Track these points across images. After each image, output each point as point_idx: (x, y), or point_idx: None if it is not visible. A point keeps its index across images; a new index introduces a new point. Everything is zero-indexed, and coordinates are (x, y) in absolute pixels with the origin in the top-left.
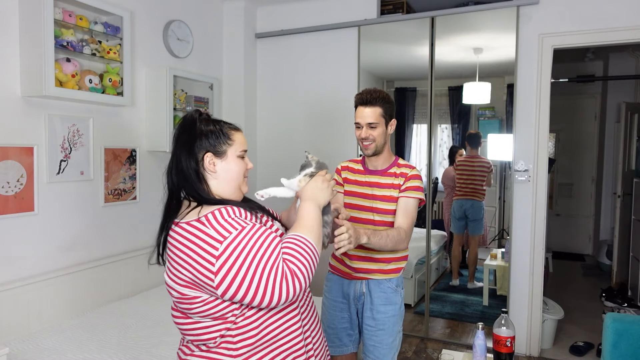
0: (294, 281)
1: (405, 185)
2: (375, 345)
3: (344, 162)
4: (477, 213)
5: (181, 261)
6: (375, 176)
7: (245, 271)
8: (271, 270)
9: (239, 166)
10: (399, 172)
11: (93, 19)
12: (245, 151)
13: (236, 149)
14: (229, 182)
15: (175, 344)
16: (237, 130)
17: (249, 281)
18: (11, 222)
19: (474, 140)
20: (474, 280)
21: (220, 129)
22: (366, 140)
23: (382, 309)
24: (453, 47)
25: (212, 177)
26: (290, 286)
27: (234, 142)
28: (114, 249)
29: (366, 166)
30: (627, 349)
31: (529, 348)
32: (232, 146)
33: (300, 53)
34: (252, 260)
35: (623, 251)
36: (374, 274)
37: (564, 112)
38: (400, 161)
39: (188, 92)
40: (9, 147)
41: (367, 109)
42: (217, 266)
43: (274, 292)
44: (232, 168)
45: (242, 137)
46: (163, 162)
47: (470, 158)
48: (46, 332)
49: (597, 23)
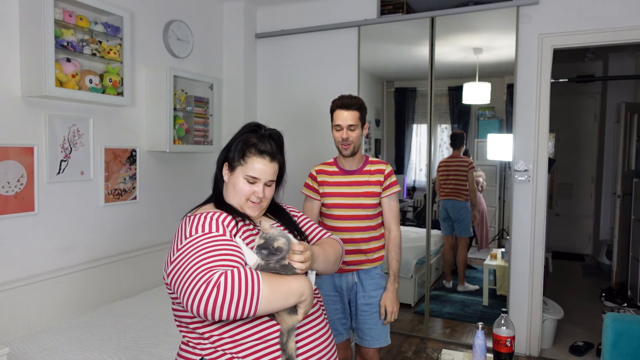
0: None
1: (388, 182)
2: (372, 327)
3: (317, 166)
4: (459, 213)
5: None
6: (352, 175)
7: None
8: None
9: (243, 187)
10: (374, 169)
11: (93, 19)
12: (254, 178)
13: (244, 171)
14: (233, 197)
15: (175, 344)
16: (262, 156)
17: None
18: (11, 222)
19: (455, 141)
20: (465, 283)
21: (245, 146)
22: (347, 141)
23: (373, 294)
24: (453, 47)
25: (225, 184)
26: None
27: (245, 164)
28: (114, 249)
29: (341, 167)
30: (627, 349)
31: (528, 348)
32: (242, 166)
33: (300, 53)
34: (190, 262)
35: (623, 251)
36: (363, 264)
37: (564, 112)
38: (371, 159)
39: (188, 92)
40: (9, 147)
41: (347, 112)
42: (169, 267)
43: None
44: (235, 185)
45: (261, 164)
46: (163, 162)
47: (450, 158)
48: (46, 332)
49: (597, 23)
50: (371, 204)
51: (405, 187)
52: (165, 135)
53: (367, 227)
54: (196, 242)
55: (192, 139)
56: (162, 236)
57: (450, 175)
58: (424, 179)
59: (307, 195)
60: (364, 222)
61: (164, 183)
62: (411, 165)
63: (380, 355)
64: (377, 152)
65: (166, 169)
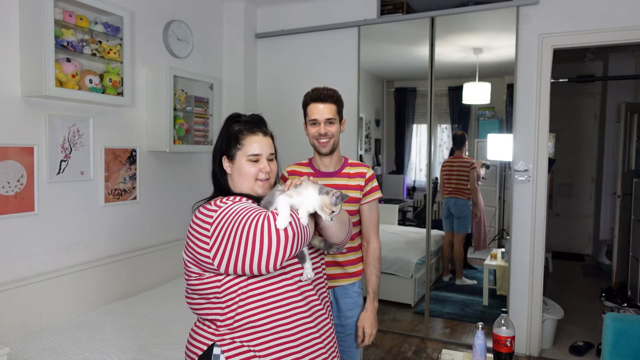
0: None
1: (369, 187)
2: (345, 350)
3: (289, 167)
4: (461, 210)
5: (189, 240)
6: (329, 178)
7: (230, 238)
8: (251, 225)
9: (249, 169)
10: (354, 172)
11: (93, 19)
12: (256, 155)
13: (244, 153)
14: (242, 183)
15: (175, 344)
16: (255, 134)
17: (237, 245)
18: (11, 222)
19: (457, 141)
20: (462, 277)
21: (236, 132)
22: (325, 136)
23: (349, 314)
24: (453, 47)
25: (229, 177)
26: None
27: (243, 147)
28: (114, 249)
29: (317, 168)
30: (627, 349)
31: (528, 348)
32: (240, 150)
33: (300, 53)
34: (233, 225)
35: (623, 251)
36: (340, 279)
37: (564, 112)
38: (351, 160)
39: (188, 92)
40: (9, 147)
41: (323, 105)
42: (210, 244)
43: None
44: (240, 170)
45: (257, 142)
46: (163, 162)
47: (453, 159)
48: (46, 332)
49: (597, 23)
50: (349, 211)
51: (405, 187)
52: (165, 135)
53: None
54: (230, 208)
55: (192, 139)
56: (162, 236)
57: (453, 175)
58: (424, 179)
59: None
60: None
61: (164, 183)
62: (411, 165)
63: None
64: (377, 152)
65: (166, 169)
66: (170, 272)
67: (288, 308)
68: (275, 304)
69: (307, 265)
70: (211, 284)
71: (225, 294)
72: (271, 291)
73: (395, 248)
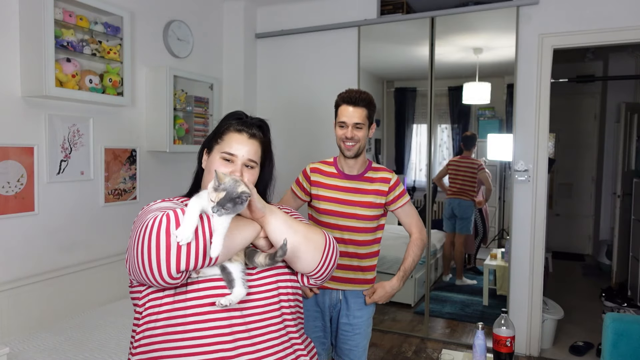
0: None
1: (396, 193)
2: (352, 349)
3: (313, 164)
4: (464, 211)
5: None
6: (352, 181)
7: (132, 239)
8: (147, 227)
9: (217, 168)
10: (378, 177)
11: (93, 19)
12: (230, 155)
13: (220, 149)
14: (207, 182)
15: None
16: (239, 133)
17: (133, 248)
18: (11, 222)
19: (468, 142)
20: (463, 277)
21: (224, 126)
22: (351, 140)
23: (358, 314)
24: (453, 47)
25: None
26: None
27: (222, 142)
28: (114, 249)
29: (341, 170)
30: (627, 349)
31: (528, 348)
32: (218, 145)
33: (300, 53)
34: (137, 226)
35: (623, 251)
36: (355, 284)
37: (564, 112)
38: (374, 165)
39: (188, 92)
40: (9, 147)
41: (354, 108)
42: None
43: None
44: (210, 167)
45: (237, 142)
46: (163, 162)
47: (461, 159)
48: (46, 332)
49: (597, 23)
50: (369, 216)
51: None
52: (165, 135)
53: (363, 241)
54: (150, 207)
55: (192, 139)
56: None
57: (459, 175)
58: (424, 179)
59: (293, 191)
60: (359, 236)
61: (164, 183)
62: (411, 165)
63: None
64: (377, 152)
65: (166, 169)
66: None
67: (193, 336)
68: (179, 327)
69: (237, 291)
70: (135, 294)
71: (143, 307)
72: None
73: (395, 248)
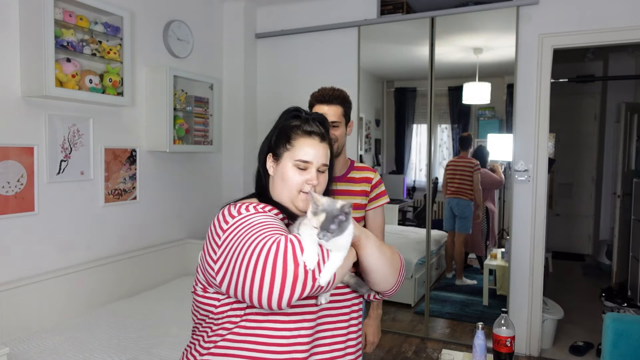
0: (288, 256)
1: (376, 192)
2: None
3: None
4: (462, 211)
5: (204, 244)
6: (336, 184)
7: (235, 257)
8: (261, 249)
9: (293, 176)
10: (360, 177)
11: (93, 19)
12: (305, 162)
13: (292, 156)
14: (282, 190)
15: (175, 344)
16: (310, 137)
17: (241, 268)
18: (11, 222)
19: (464, 143)
20: (463, 277)
21: (289, 130)
22: None
23: None
24: (453, 47)
25: (271, 179)
26: (290, 264)
27: (293, 148)
28: (114, 249)
29: None
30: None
31: (528, 348)
32: (289, 151)
33: (300, 53)
34: (242, 243)
35: (623, 251)
36: None
37: (564, 112)
38: (357, 164)
39: (188, 92)
40: (9, 147)
41: (328, 107)
42: (217, 256)
43: (268, 272)
44: (284, 175)
45: (310, 146)
46: (163, 162)
47: (458, 159)
48: (46, 332)
49: (597, 23)
50: (357, 218)
51: (405, 187)
52: (165, 135)
53: None
54: (247, 219)
55: (192, 139)
56: (162, 236)
57: (457, 175)
58: (424, 179)
59: None
60: None
61: (164, 183)
62: (411, 165)
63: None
64: (377, 152)
65: (166, 169)
66: (170, 272)
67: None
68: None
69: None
70: (210, 300)
71: (219, 317)
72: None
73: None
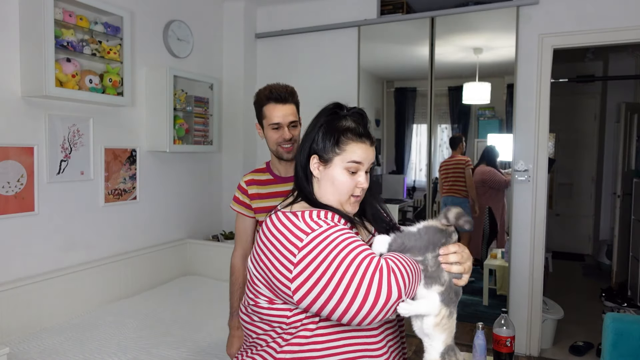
0: (392, 282)
1: None
2: None
3: (246, 176)
4: None
5: (263, 254)
6: (290, 184)
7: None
8: (357, 270)
9: (344, 180)
10: None
11: (93, 19)
12: (357, 164)
13: (343, 159)
14: (330, 194)
15: (175, 344)
16: (361, 140)
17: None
18: (11, 222)
19: (452, 143)
20: None
21: (338, 133)
22: (289, 142)
23: None
24: (453, 47)
25: (316, 180)
26: (388, 288)
27: (344, 152)
28: (114, 249)
29: (277, 174)
30: (627, 349)
31: (528, 348)
32: (339, 155)
33: (300, 53)
34: (332, 262)
35: (623, 251)
36: None
37: (564, 112)
38: None
39: (188, 92)
40: (9, 147)
41: (284, 106)
42: (293, 274)
43: (367, 296)
44: (334, 180)
45: (360, 149)
46: (163, 162)
47: (449, 158)
48: (46, 332)
49: (597, 23)
50: None
51: (405, 187)
52: (165, 135)
53: None
54: (329, 235)
55: (192, 139)
56: (162, 236)
57: (450, 174)
58: (424, 179)
59: (237, 212)
60: None
61: (164, 183)
62: (411, 165)
63: None
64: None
65: (166, 169)
66: (170, 272)
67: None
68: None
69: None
70: (281, 312)
71: (292, 326)
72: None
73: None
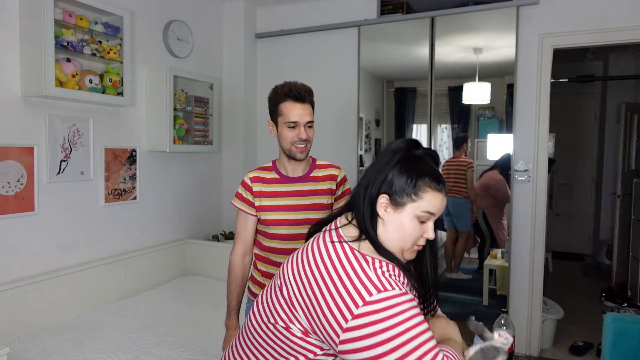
0: None
1: (342, 190)
2: None
3: (251, 172)
4: (457, 209)
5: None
6: (298, 184)
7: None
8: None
9: (414, 229)
10: (323, 175)
11: (93, 19)
12: (430, 214)
13: (418, 207)
14: (396, 240)
15: (175, 344)
16: (440, 191)
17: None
18: (11, 222)
19: (456, 143)
20: (459, 271)
21: (417, 177)
22: (304, 142)
23: None
24: (453, 47)
25: (380, 220)
26: None
27: (418, 201)
28: (114, 249)
29: (283, 174)
30: (627, 349)
31: (528, 348)
32: (414, 203)
33: (300, 53)
34: (398, 335)
35: (623, 251)
36: None
37: (564, 112)
38: (319, 162)
39: (188, 92)
40: (9, 147)
41: (302, 105)
42: (343, 329)
43: None
44: (403, 226)
45: (437, 200)
46: (163, 162)
47: (452, 159)
48: (46, 332)
49: (597, 23)
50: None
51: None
52: (165, 135)
53: None
54: (397, 308)
55: (192, 139)
56: (162, 236)
57: (451, 174)
58: None
59: (239, 208)
60: None
61: (164, 183)
62: None
63: None
64: (377, 152)
65: (166, 169)
66: (170, 272)
67: None
68: None
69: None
70: (312, 346)
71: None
72: None
73: None
